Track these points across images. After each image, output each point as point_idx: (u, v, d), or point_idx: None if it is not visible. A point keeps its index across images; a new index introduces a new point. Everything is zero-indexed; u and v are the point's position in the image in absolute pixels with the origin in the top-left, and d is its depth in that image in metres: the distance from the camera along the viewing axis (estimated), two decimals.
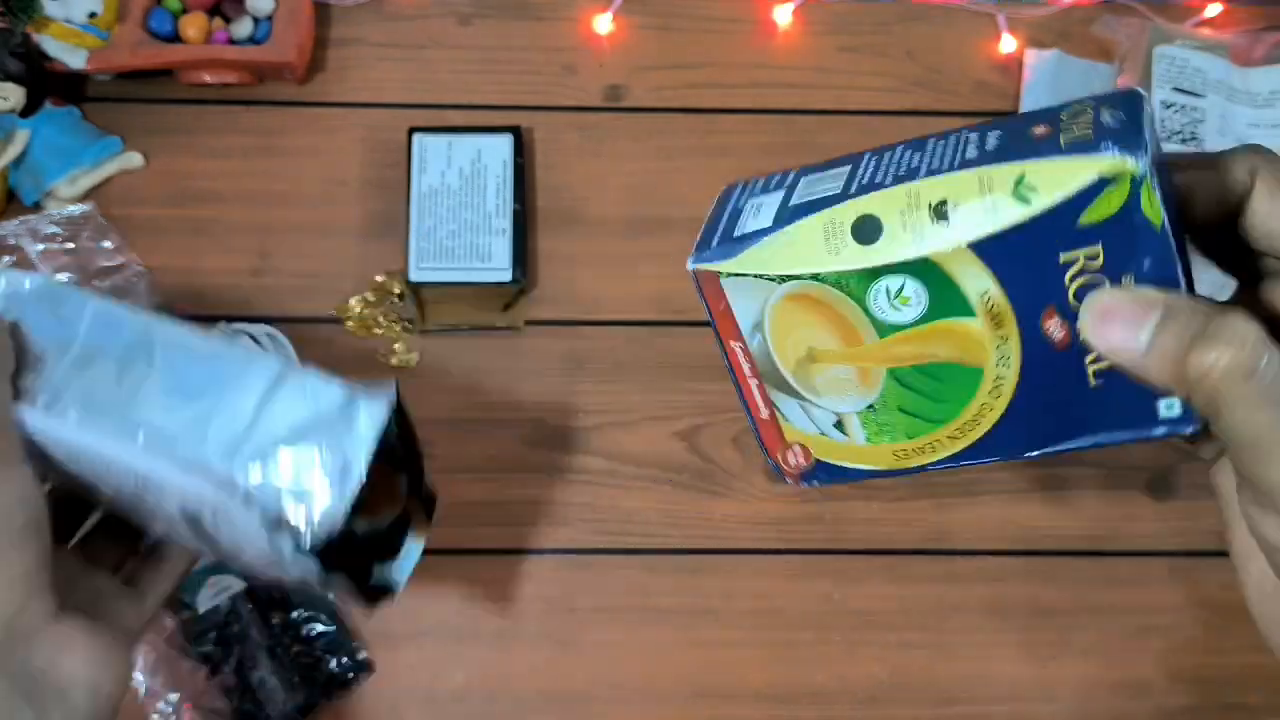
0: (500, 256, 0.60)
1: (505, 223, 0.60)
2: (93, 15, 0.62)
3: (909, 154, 0.29)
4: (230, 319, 0.60)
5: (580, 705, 0.57)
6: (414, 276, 0.59)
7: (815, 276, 0.29)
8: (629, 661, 0.57)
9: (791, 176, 0.31)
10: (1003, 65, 0.66)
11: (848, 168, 0.30)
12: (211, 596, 0.57)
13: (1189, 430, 0.29)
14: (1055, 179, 0.25)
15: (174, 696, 0.56)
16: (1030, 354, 0.28)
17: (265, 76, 0.64)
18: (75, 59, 0.61)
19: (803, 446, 0.32)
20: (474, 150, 0.61)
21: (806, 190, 0.30)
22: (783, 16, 0.67)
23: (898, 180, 0.27)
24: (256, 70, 0.64)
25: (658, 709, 0.57)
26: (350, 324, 0.61)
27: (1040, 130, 0.27)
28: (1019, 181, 0.26)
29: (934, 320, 0.28)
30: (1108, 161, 0.25)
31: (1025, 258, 0.26)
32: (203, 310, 0.61)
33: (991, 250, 0.27)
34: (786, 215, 0.29)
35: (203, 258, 0.62)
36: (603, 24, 0.66)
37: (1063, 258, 0.26)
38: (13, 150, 0.61)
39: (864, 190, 0.28)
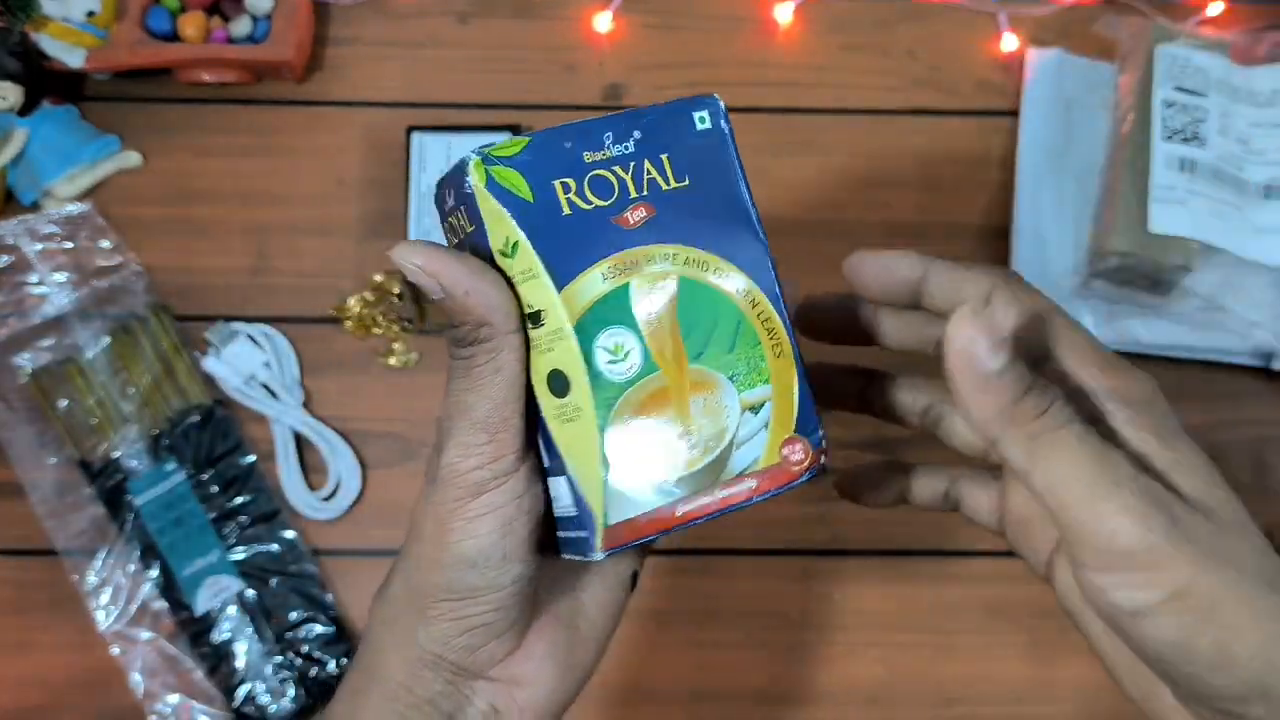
0: None
1: None
2: (91, 14, 0.61)
3: None
4: (228, 319, 0.60)
5: (580, 705, 0.56)
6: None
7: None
8: (629, 661, 0.57)
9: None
10: (1004, 64, 0.66)
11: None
12: (211, 597, 0.57)
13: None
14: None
15: (174, 697, 0.56)
16: None
17: (264, 75, 0.64)
18: (73, 58, 0.61)
19: (804, 443, 0.31)
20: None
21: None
22: (783, 15, 0.66)
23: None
24: (255, 69, 0.63)
25: (658, 709, 0.57)
26: (349, 324, 0.61)
27: None
28: None
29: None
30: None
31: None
32: (201, 310, 0.61)
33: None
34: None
35: (201, 257, 0.62)
36: (602, 23, 0.66)
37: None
38: (11, 149, 0.61)
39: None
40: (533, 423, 0.30)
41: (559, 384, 0.29)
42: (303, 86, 0.65)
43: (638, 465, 0.29)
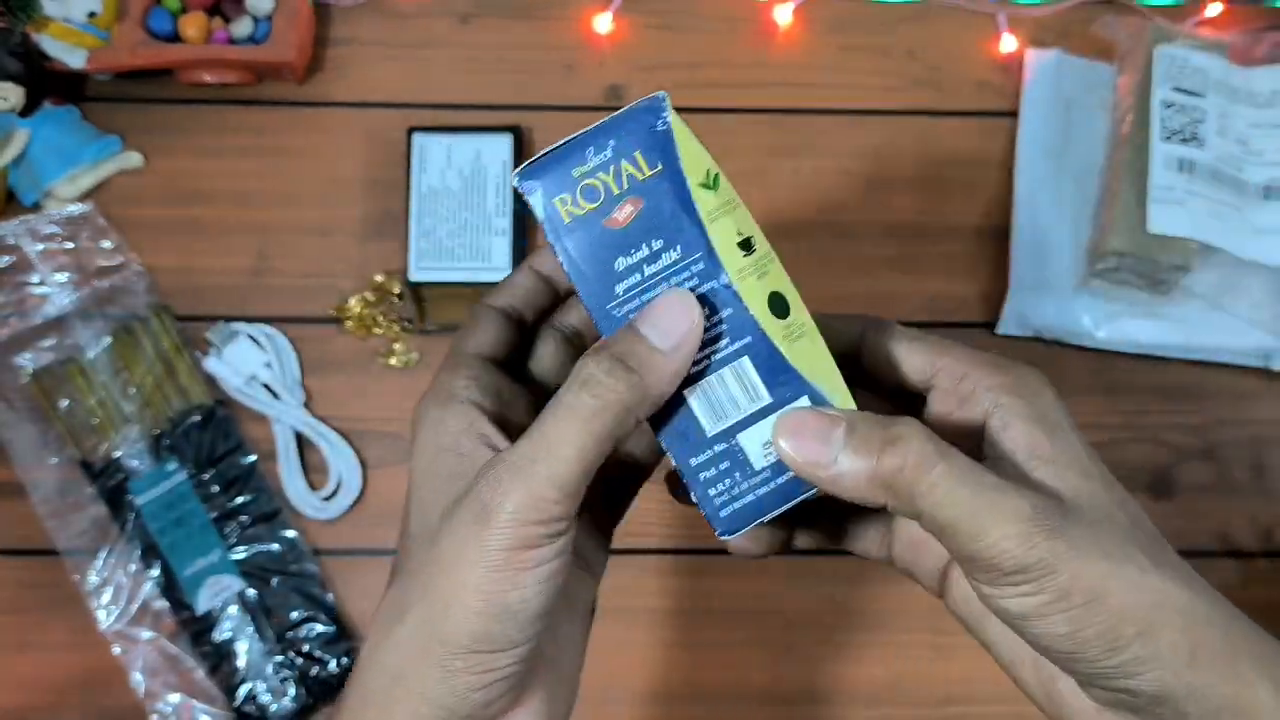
0: (500, 256, 0.60)
1: (505, 223, 0.60)
2: (92, 15, 0.62)
3: None
4: (229, 319, 0.60)
5: (580, 705, 0.57)
6: (414, 276, 0.59)
7: None
8: (629, 661, 0.57)
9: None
10: (1003, 65, 0.66)
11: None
12: (212, 596, 0.57)
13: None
14: None
15: (174, 697, 0.56)
16: None
17: (265, 76, 0.64)
18: (75, 58, 0.61)
19: None
20: (474, 150, 0.61)
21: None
22: (783, 16, 0.67)
23: None
24: (256, 70, 0.64)
25: (658, 709, 0.57)
26: (349, 324, 0.61)
27: None
28: None
29: None
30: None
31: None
32: (202, 310, 0.61)
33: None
34: None
35: (202, 257, 0.62)
36: (602, 23, 0.66)
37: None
38: (12, 150, 0.61)
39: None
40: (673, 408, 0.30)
41: (780, 305, 0.30)
42: (303, 87, 0.65)
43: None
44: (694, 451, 0.30)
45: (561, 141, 0.29)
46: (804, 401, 0.30)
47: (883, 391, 0.33)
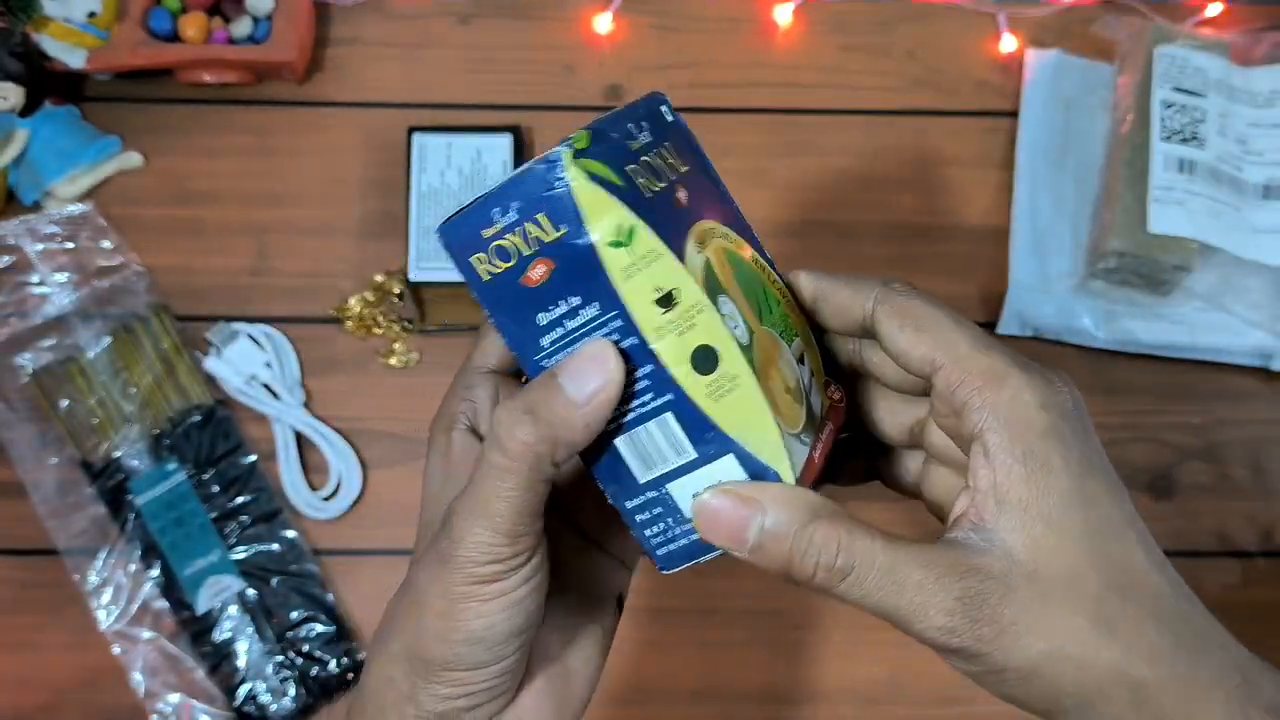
0: None
1: None
2: (92, 15, 0.62)
3: None
4: (229, 319, 0.60)
5: None
6: (414, 276, 0.59)
7: None
8: (629, 661, 0.57)
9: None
10: (1003, 65, 0.66)
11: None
12: (212, 596, 0.57)
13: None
14: None
15: (175, 696, 0.56)
16: None
17: (265, 76, 0.64)
18: (74, 58, 0.61)
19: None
20: (474, 150, 0.61)
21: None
22: (783, 16, 0.67)
23: None
24: (256, 70, 0.64)
25: (658, 709, 0.57)
26: (350, 324, 0.61)
27: None
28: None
29: None
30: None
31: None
32: (202, 310, 0.61)
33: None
34: None
35: (202, 257, 0.62)
36: (602, 24, 0.66)
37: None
38: (12, 150, 0.61)
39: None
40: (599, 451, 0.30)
41: (706, 360, 0.28)
42: (303, 87, 0.65)
43: (786, 420, 0.29)
44: (628, 495, 0.30)
45: (473, 199, 0.29)
46: (728, 461, 0.29)
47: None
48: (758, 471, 0.29)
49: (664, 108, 0.32)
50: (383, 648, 0.30)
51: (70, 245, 0.61)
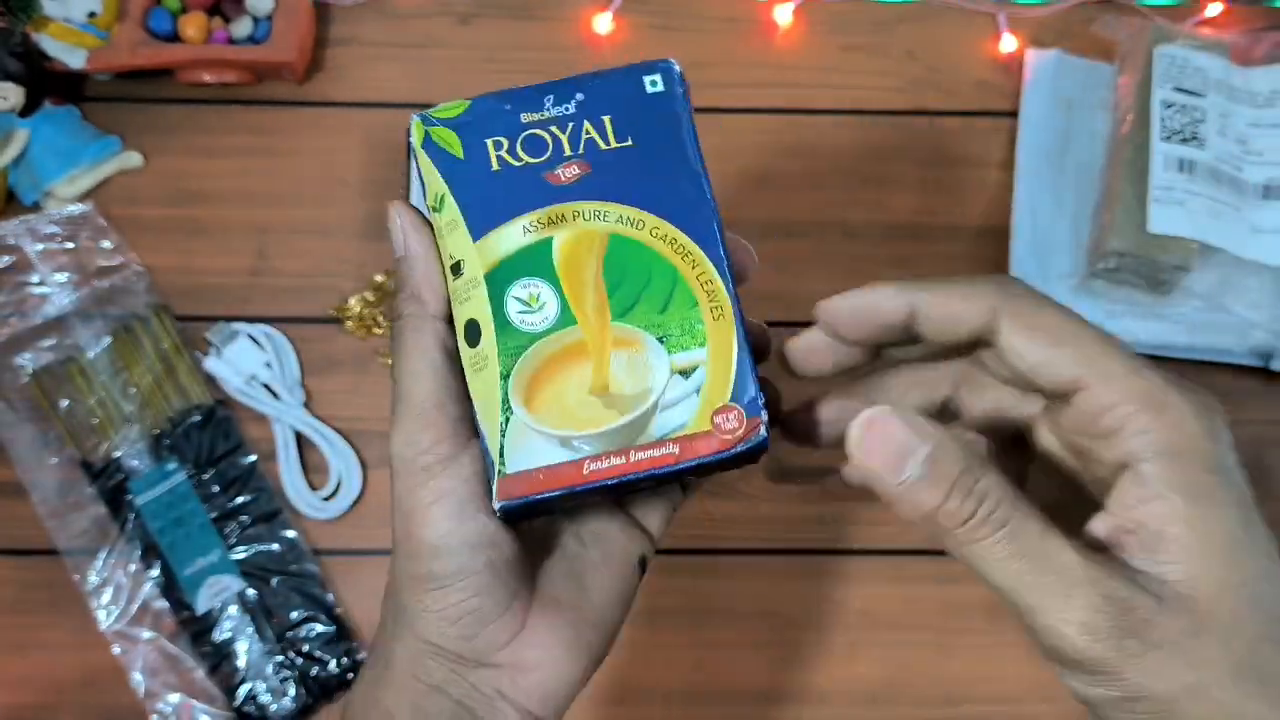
0: None
1: None
2: (92, 15, 0.62)
3: None
4: (229, 319, 0.60)
5: (580, 705, 0.57)
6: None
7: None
8: (629, 661, 0.57)
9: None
10: (1003, 65, 0.66)
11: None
12: (212, 596, 0.57)
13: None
14: None
15: (175, 696, 0.56)
16: None
17: (265, 76, 0.64)
18: (74, 58, 0.61)
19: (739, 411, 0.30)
20: None
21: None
22: (783, 16, 0.67)
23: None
24: (256, 70, 0.64)
25: (658, 709, 0.57)
26: (350, 324, 0.61)
27: None
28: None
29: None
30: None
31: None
32: (202, 310, 0.61)
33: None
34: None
35: (202, 257, 0.62)
36: (602, 24, 0.66)
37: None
38: (12, 150, 0.61)
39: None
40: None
41: (473, 333, 0.30)
42: (303, 87, 0.65)
43: (542, 416, 0.29)
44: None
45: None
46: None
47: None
48: (485, 451, 0.30)
49: (653, 76, 0.32)
50: (388, 585, 0.32)
51: (70, 245, 0.61)
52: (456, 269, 0.30)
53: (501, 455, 0.29)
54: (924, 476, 0.25)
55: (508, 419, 0.29)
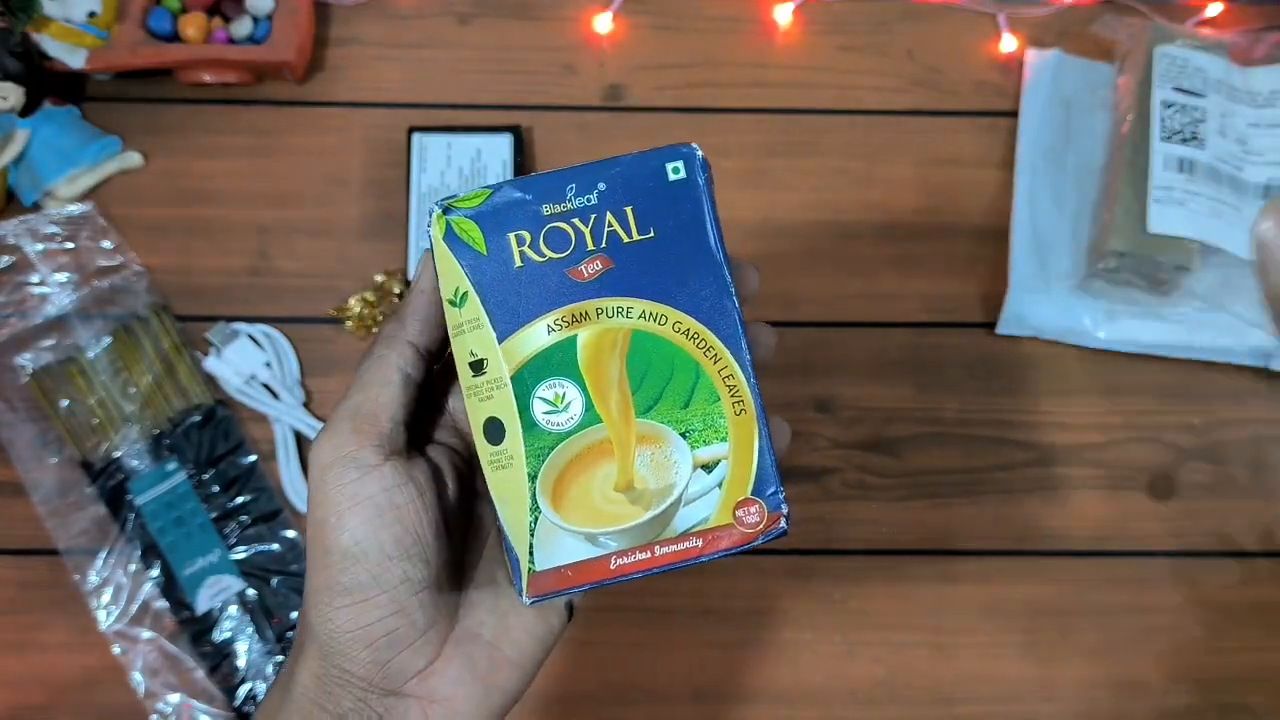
0: None
1: None
2: (92, 14, 0.62)
3: None
4: (229, 319, 0.60)
5: (581, 705, 0.57)
6: (414, 276, 0.59)
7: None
8: (629, 661, 0.57)
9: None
10: (1003, 65, 0.66)
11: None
12: (212, 596, 0.57)
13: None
14: None
15: (175, 696, 0.56)
16: None
17: (265, 76, 0.64)
18: (74, 58, 0.61)
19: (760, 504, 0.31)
20: (474, 150, 0.61)
21: None
22: (783, 16, 0.67)
23: None
24: (256, 70, 0.64)
25: (658, 709, 0.57)
26: (350, 324, 0.61)
27: None
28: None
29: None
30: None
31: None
32: (202, 310, 0.61)
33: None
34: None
35: (202, 257, 0.62)
36: (603, 24, 0.66)
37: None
38: (12, 150, 0.61)
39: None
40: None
41: (495, 431, 0.30)
42: (303, 87, 0.65)
43: (570, 515, 0.30)
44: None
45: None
46: (501, 529, 0.30)
47: None
48: (509, 549, 0.30)
49: (675, 164, 0.31)
50: (303, 599, 0.31)
51: (70, 245, 0.61)
52: (478, 367, 0.30)
53: (531, 554, 0.30)
54: None
55: (536, 519, 0.30)
